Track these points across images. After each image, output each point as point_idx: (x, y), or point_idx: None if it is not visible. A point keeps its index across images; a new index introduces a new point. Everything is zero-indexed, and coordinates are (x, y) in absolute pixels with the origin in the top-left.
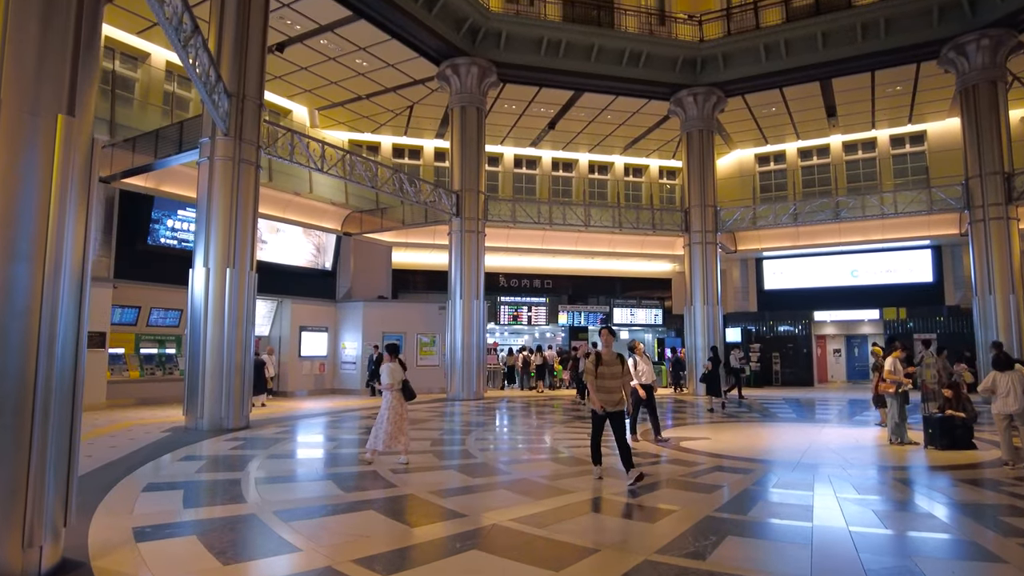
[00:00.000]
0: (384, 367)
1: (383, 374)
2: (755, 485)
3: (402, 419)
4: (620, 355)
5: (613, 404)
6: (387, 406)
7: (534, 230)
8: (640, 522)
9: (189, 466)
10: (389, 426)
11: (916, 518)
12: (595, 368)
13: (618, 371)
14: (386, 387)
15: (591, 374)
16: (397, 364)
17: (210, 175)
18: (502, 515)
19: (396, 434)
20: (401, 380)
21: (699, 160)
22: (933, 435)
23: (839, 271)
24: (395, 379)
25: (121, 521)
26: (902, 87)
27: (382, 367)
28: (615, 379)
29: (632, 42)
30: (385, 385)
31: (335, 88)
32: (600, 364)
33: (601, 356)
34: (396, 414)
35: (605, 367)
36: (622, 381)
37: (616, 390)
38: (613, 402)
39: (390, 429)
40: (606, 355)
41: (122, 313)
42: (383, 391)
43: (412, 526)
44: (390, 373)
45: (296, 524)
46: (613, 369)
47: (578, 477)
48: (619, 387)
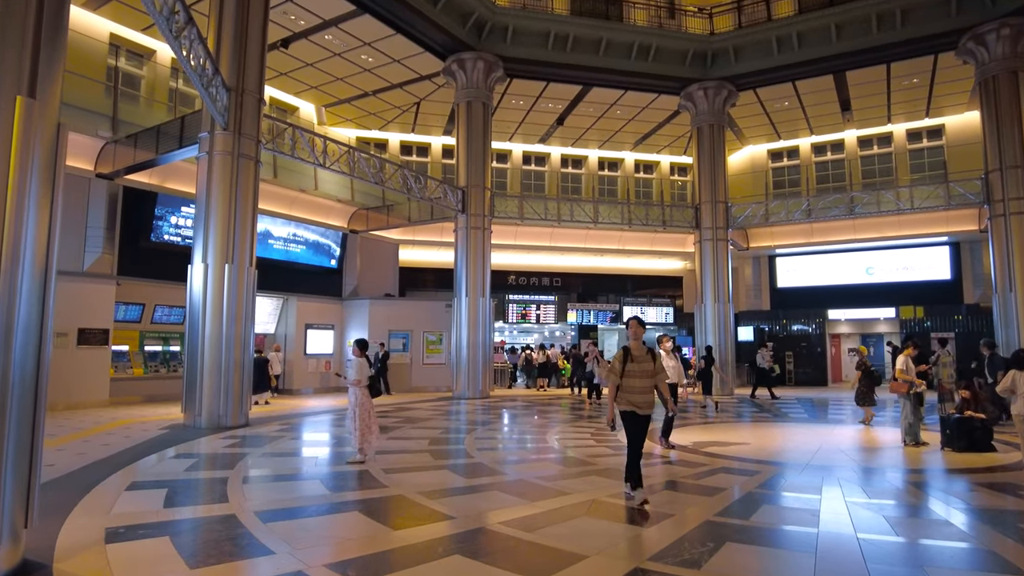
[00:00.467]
0: (353, 362)
1: (351, 370)
2: (761, 488)
3: (371, 417)
4: (652, 350)
5: (646, 406)
6: (356, 403)
7: (542, 227)
8: (635, 527)
9: (179, 464)
10: (361, 423)
11: (930, 525)
12: (622, 366)
13: (649, 369)
14: (353, 383)
15: (615, 373)
16: (365, 360)
17: (209, 170)
18: (492, 518)
19: (365, 432)
20: (368, 376)
21: (710, 155)
22: (951, 437)
23: (854, 268)
24: (363, 375)
25: (96, 521)
26: (919, 79)
27: (351, 362)
28: (645, 378)
29: (641, 35)
30: (352, 381)
31: (341, 85)
32: (628, 361)
33: (630, 352)
34: (366, 411)
35: (634, 364)
36: (655, 381)
37: (646, 391)
38: (644, 404)
39: (362, 426)
40: (635, 350)
41: (126, 310)
42: (350, 388)
43: (395, 529)
44: (358, 369)
45: (275, 525)
46: (644, 366)
47: (576, 478)
48: (650, 388)
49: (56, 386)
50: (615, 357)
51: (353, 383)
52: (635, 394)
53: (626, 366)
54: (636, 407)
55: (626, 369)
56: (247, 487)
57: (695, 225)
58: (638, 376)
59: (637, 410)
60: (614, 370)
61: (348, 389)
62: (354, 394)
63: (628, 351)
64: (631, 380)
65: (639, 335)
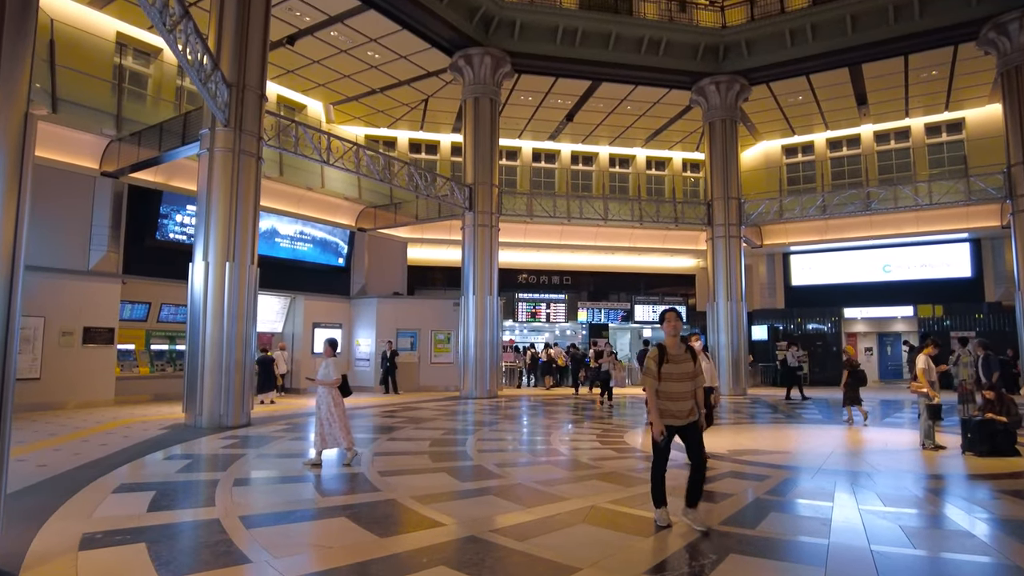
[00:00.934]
0: (328, 362)
1: (327, 369)
2: (769, 494)
3: (344, 416)
4: (691, 348)
5: (683, 416)
6: (332, 403)
7: (552, 225)
8: (634, 536)
9: (172, 465)
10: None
11: (950, 536)
12: (658, 368)
13: (688, 370)
14: (331, 384)
15: (652, 376)
16: (336, 360)
17: (209, 167)
18: (484, 525)
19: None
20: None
21: (722, 151)
22: (972, 440)
23: (871, 266)
24: (338, 374)
25: (75, 526)
26: (938, 71)
27: (325, 362)
28: (684, 382)
29: (651, 29)
30: (330, 381)
31: (348, 82)
32: (665, 362)
33: (666, 351)
34: (342, 411)
35: (671, 366)
36: (695, 384)
37: (685, 397)
38: (682, 413)
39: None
40: (672, 348)
41: (132, 309)
42: (321, 387)
43: (382, 536)
44: (335, 368)
45: (258, 531)
46: (682, 368)
47: (577, 483)
48: (689, 393)
49: (61, 385)
50: (649, 357)
51: (331, 383)
52: (672, 401)
53: (662, 368)
54: (673, 416)
55: (662, 372)
56: (237, 490)
57: (707, 222)
58: (676, 379)
59: (674, 420)
60: (650, 372)
61: (318, 391)
62: (328, 395)
63: (664, 350)
64: (667, 385)
65: (677, 330)
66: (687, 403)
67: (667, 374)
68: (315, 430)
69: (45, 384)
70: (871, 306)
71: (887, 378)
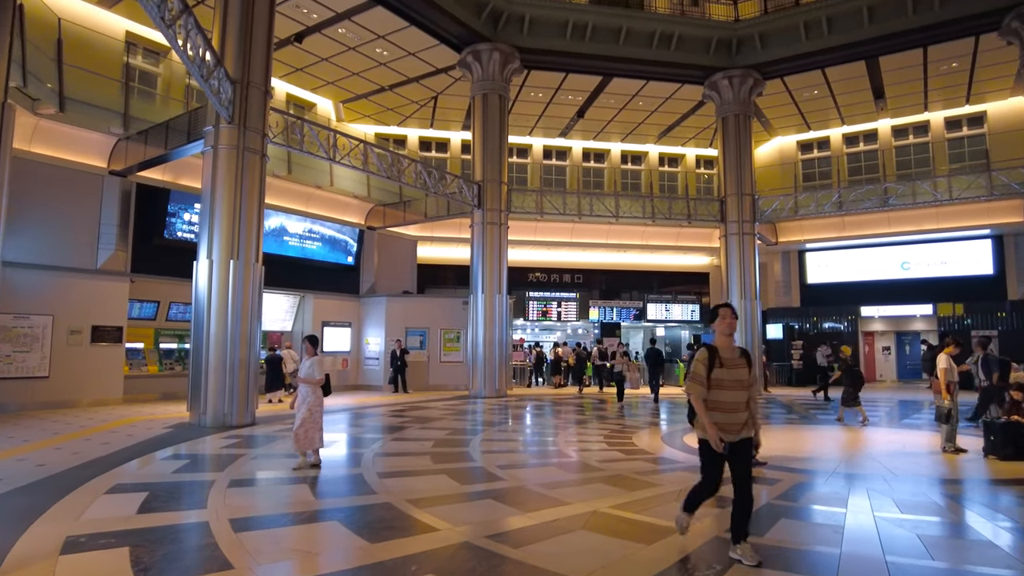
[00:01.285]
0: (311, 360)
1: (311, 367)
2: (779, 499)
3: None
4: (746, 351)
5: (735, 430)
6: (311, 402)
7: (562, 223)
8: (634, 543)
9: (170, 465)
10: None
11: (971, 546)
12: (707, 373)
13: (744, 377)
14: (316, 383)
15: (699, 383)
16: (320, 357)
17: (214, 164)
18: (479, 531)
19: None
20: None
21: (735, 146)
22: (995, 443)
23: (888, 263)
24: (321, 373)
25: (60, 528)
26: (958, 64)
27: (308, 360)
28: (739, 390)
29: (663, 23)
30: (316, 380)
31: (357, 80)
32: (717, 365)
33: (718, 354)
34: (320, 411)
35: (724, 371)
36: (750, 393)
37: (739, 408)
38: (735, 427)
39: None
40: (726, 351)
41: (141, 308)
42: (302, 386)
43: (372, 542)
44: (319, 366)
45: (246, 535)
46: (737, 375)
47: (580, 486)
48: (743, 404)
49: (70, 384)
50: (698, 359)
51: (315, 382)
52: (723, 412)
53: (712, 373)
54: (722, 431)
55: (712, 378)
56: (231, 491)
57: (720, 219)
58: (729, 387)
59: (725, 436)
60: (697, 378)
61: (299, 389)
62: (311, 393)
63: (715, 353)
64: (718, 394)
65: (733, 328)
66: (740, 415)
67: (718, 381)
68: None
69: (54, 383)
70: (889, 304)
71: (905, 378)
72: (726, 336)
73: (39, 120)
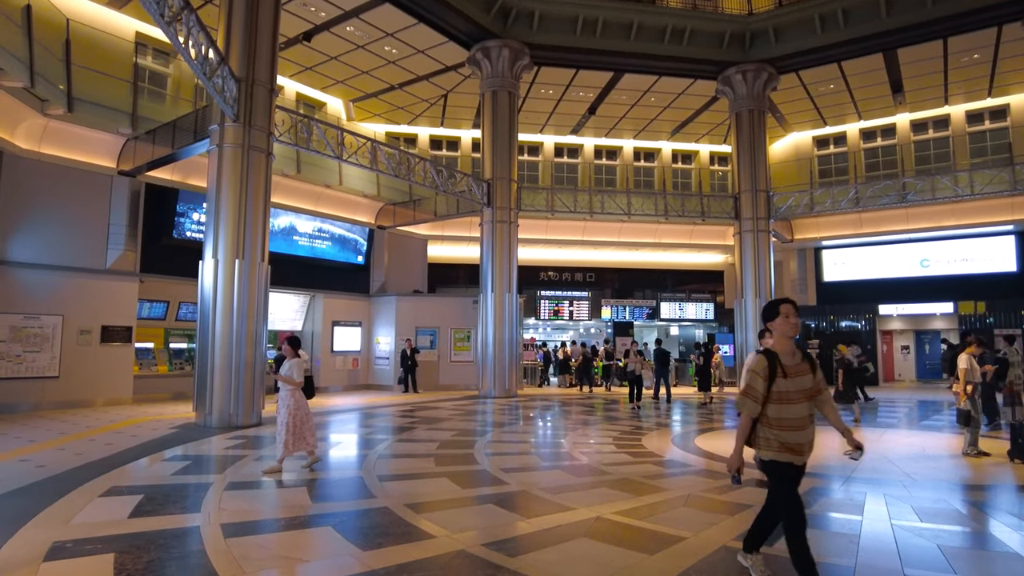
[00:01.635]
0: (292, 362)
1: (291, 369)
2: None
3: (309, 417)
4: (810, 356)
5: (805, 450)
6: (294, 405)
7: (574, 221)
8: (636, 552)
9: (169, 467)
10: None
11: (995, 559)
12: (767, 382)
13: (808, 385)
14: (295, 384)
15: (754, 399)
16: (302, 359)
17: (219, 163)
18: (476, 538)
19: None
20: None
21: (749, 142)
22: (1021, 446)
23: (907, 261)
24: (300, 375)
25: (49, 533)
26: (980, 55)
27: (289, 362)
28: (805, 401)
29: (674, 18)
30: (294, 383)
31: (367, 78)
32: (780, 374)
33: (779, 359)
34: (305, 413)
35: (787, 382)
36: (821, 403)
37: (807, 423)
38: (804, 447)
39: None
40: (787, 355)
41: (151, 307)
42: (282, 387)
43: (364, 549)
44: (299, 368)
45: (236, 541)
46: (801, 383)
47: (585, 490)
48: (811, 418)
49: (80, 384)
50: (753, 369)
51: (295, 384)
52: (789, 431)
53: (773, 383)
54: (791, 451)
55: (773, 391)
56: (228, 494)
57: (734, 216)
58: (794, 399)
59: (795, 458)
60: (753, 393)
61: (280, 391)
62: (291, 396)
63: (775, 360)
64: (781, 409)
65: (797, 329)
66: (809, 432)
67: (781, 394)
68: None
69: (64, 383)
70: (908, 303)
71: (925, 378)
72: (788, 339)
73: (48, 121)
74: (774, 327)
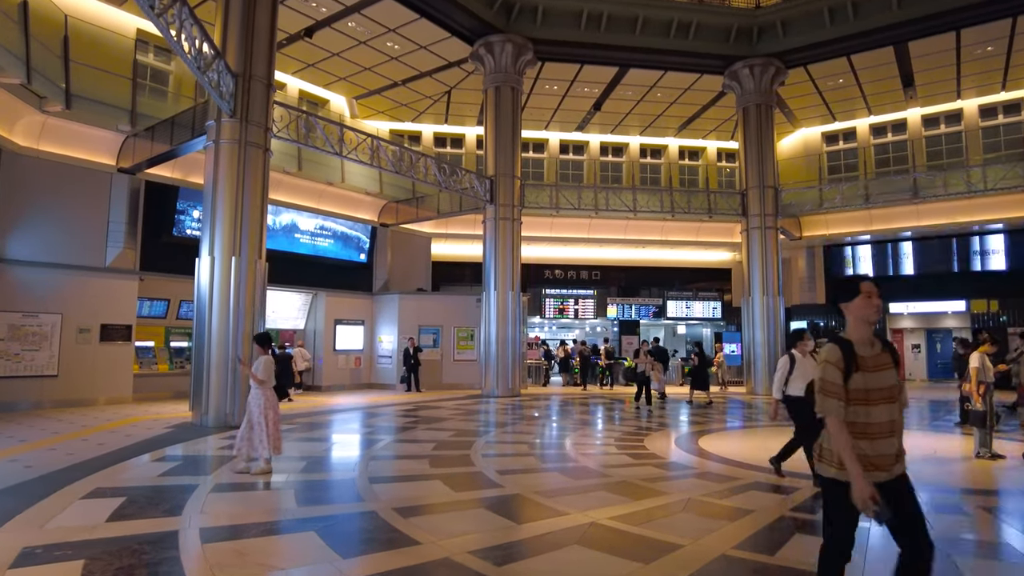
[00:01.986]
0: (260, 360)
1: (257, 368)
2: (795, 511)
3: (278, 418)
4: (890, 343)
5: (888, 464)
6: (264, 406)
7: (579, 218)
8: (629, 561)
9: (157, 468)
10: (272, 427)
11: (1011, 570)
12: (844, 378)
13: (892, 382)
14: (260, 383)
15: (838, 395)
16: (271, 357)
17: (215, 159)
18: (463, 545)
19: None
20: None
21: (757, 137)
22: None
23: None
24: (270, 374)
25: (21, 538)
26: (994, 47)
27: (258, 360)
28: (888, 402)
29: (680, 11)
30: (256, 378)
31: (370, 75)
32: (857, 368)
33: (854, 350)
34: (274, 415)
35: (866, 377)
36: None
37: (891, 429)
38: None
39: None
40: (864, 346)
41: (151, 306)
42: (252, 386)
43: (344, 556)
44: (265, 367)
45: (213, 547)
46: (883, 378)
47: (581, 494)
48: (894, 423)
49: (79, 382)
50: (826, 361)
51: (260, 383)
52: (870, 439)
53: (850, 379)
54: (871, 466)
55: (851, 386)
56: (212, 497)
57: (742, 213)
58: (874, 400)
59: (874, 473)
60: (834, 390)
61: (251, 391)
62: (261, 396)
63: (850, 349)
64: (860, 412)
65: (879, 312)
66: (893, 441)
67: (856, 392)
68: (242, 434)
69: (63, 381)
70: (919, 300)
71: (936, 377)
72: (869, 324)
73: (47, 118)
74: (851, 310)
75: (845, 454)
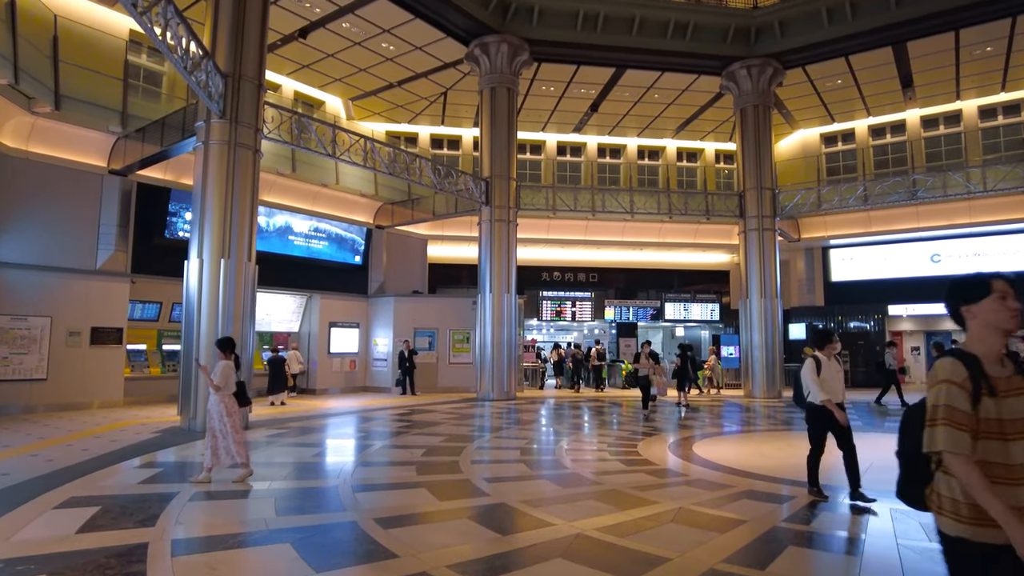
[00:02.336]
0: (219, 365)
1: (216, 373)
2: (789, 521)
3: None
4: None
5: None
6: (225, 412)
7: (576, 220)
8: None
9: (138, 475)
10: (238, 434)
11: None
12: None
13: None
14: (216, 389)
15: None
16: (232, 363)
17: (205, 160)
18: (443, 558)
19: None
20: (236, 382)
21: (755, 138)
22: None
23: (918, 259)
24: (229, 380)
25: None
26: (993, 48)
27: (218, 365)
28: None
29: (677, 12)
30: (213, 385)
31: (365, 76)
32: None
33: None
34: (236, 421)
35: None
36: None
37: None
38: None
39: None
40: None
41: (143, 309)
42: (211, 395)
43: (317, 570)
44: (223, 373)
45: (184, 560)
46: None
47: (570, 503)
48: None
49: (69, 386)
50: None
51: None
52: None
53: (980, 403)
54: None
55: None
56: (191, 506)
57: (739, 214)
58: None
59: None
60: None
61: (210, 398)
62: (220, 403)
63: (977, 367)
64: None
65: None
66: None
67: (993, 423)
68: (207, 443)
69: (52, 385)
70: (918, 302)
71: None
72: (1002, 334)
73: (36, 119)
74: (977, 314)
75: (987, 500)
